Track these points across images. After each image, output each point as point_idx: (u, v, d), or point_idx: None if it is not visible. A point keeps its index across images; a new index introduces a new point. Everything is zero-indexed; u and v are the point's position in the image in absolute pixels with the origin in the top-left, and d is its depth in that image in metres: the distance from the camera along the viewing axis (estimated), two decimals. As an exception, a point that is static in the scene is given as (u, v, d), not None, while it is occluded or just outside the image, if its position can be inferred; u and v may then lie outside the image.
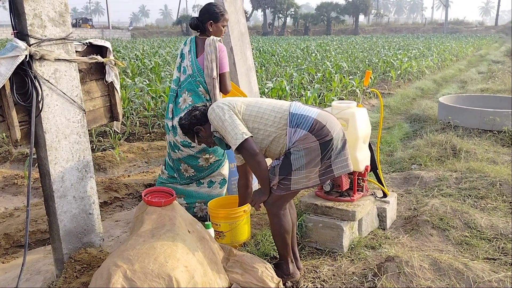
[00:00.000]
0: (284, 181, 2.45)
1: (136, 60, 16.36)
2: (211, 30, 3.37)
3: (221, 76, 3.33)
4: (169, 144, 3.51)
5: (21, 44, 2.19)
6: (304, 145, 2.40)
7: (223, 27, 3.43)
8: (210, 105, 2.64)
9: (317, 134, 2.41)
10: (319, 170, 2.47)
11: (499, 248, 3.01)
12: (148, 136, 6.67)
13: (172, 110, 3.44)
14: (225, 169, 3.59)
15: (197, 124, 2.59)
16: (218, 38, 3.35)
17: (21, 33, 2.26)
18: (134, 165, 5.58)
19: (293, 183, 2.44)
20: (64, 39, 2.42)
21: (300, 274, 2.72)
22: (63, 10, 2.41)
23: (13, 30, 2.28)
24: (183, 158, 3.45)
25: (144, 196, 2.60)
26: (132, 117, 7.47)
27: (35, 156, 2.48)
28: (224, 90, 3.37)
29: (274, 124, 2.46)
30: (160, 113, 7.48)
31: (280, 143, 2.48)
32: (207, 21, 3.36)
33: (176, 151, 3.44)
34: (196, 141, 2.68)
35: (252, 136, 2.42)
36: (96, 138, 6.36)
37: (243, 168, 2.71)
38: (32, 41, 2.26)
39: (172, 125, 3.42)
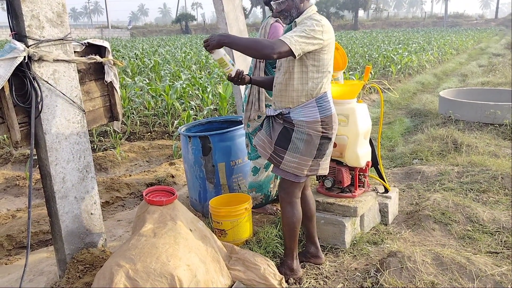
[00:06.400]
0: (277, 156, 2.48)
1: (136, 59, 16.36)
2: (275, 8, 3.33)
3: None
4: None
5: (19, 45, 2.19)
6: (309, 130, 2.42)
7: None
8: None
9: (324, 127, 2.44)
10: (310, 164, 2.48)
11: (501, 241, 3.01)
12: (148, 135, 6.67)
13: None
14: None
15: None
16: (276, 19, 3.27)
17: (19, 34, 2.26)
18: (135, 164, 5.59)
19: (284, 162, 2.47)
20: (62, 39, 2.41)
21: (322, 261, 2.81)
22: (61, 10, 2.40)
23: (11, 32, 2.28)
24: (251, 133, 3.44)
25: (146, 195, 2.60)
26: (133, 116, 7.47)
27: (35, 157, 2.48)
28: None
29: (311, 81, 2.41)
30: (161, 112, 7.48)
31: (299, 95, 2.43)
32: None
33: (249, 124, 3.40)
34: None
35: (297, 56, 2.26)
36: (97, 138, 6.37)
37: None
38: (30, 42, 2.26)
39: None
